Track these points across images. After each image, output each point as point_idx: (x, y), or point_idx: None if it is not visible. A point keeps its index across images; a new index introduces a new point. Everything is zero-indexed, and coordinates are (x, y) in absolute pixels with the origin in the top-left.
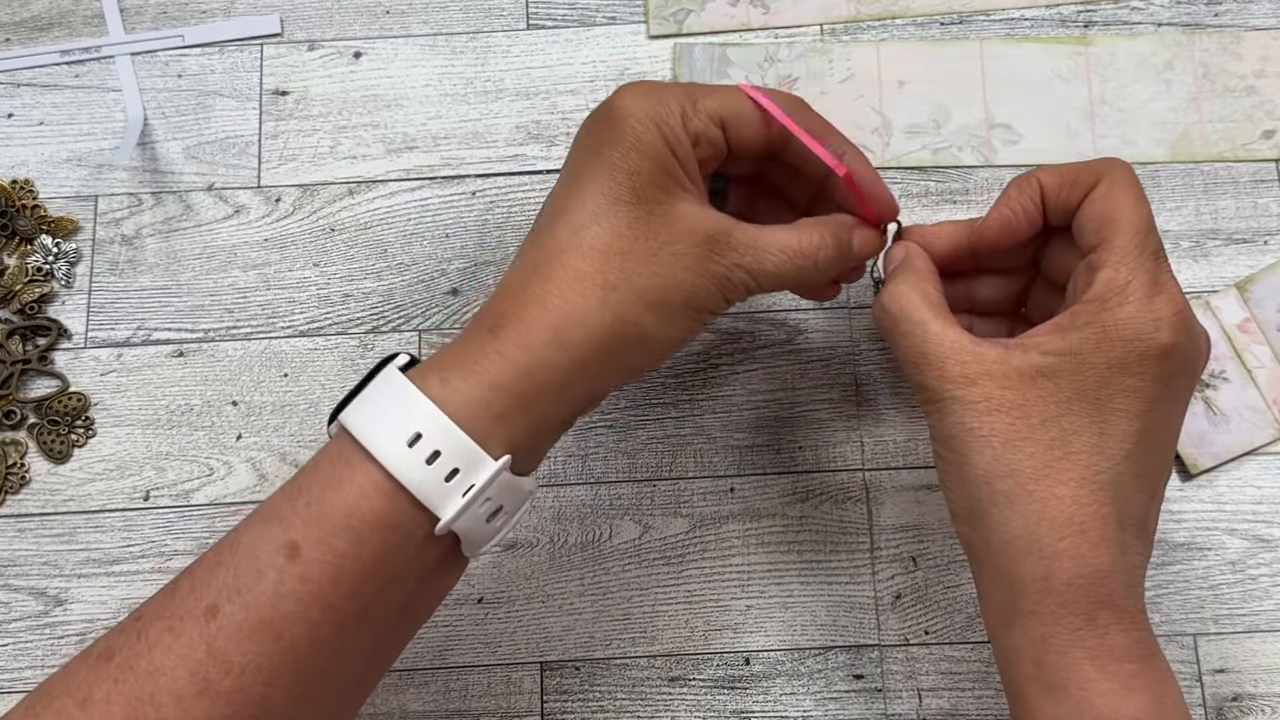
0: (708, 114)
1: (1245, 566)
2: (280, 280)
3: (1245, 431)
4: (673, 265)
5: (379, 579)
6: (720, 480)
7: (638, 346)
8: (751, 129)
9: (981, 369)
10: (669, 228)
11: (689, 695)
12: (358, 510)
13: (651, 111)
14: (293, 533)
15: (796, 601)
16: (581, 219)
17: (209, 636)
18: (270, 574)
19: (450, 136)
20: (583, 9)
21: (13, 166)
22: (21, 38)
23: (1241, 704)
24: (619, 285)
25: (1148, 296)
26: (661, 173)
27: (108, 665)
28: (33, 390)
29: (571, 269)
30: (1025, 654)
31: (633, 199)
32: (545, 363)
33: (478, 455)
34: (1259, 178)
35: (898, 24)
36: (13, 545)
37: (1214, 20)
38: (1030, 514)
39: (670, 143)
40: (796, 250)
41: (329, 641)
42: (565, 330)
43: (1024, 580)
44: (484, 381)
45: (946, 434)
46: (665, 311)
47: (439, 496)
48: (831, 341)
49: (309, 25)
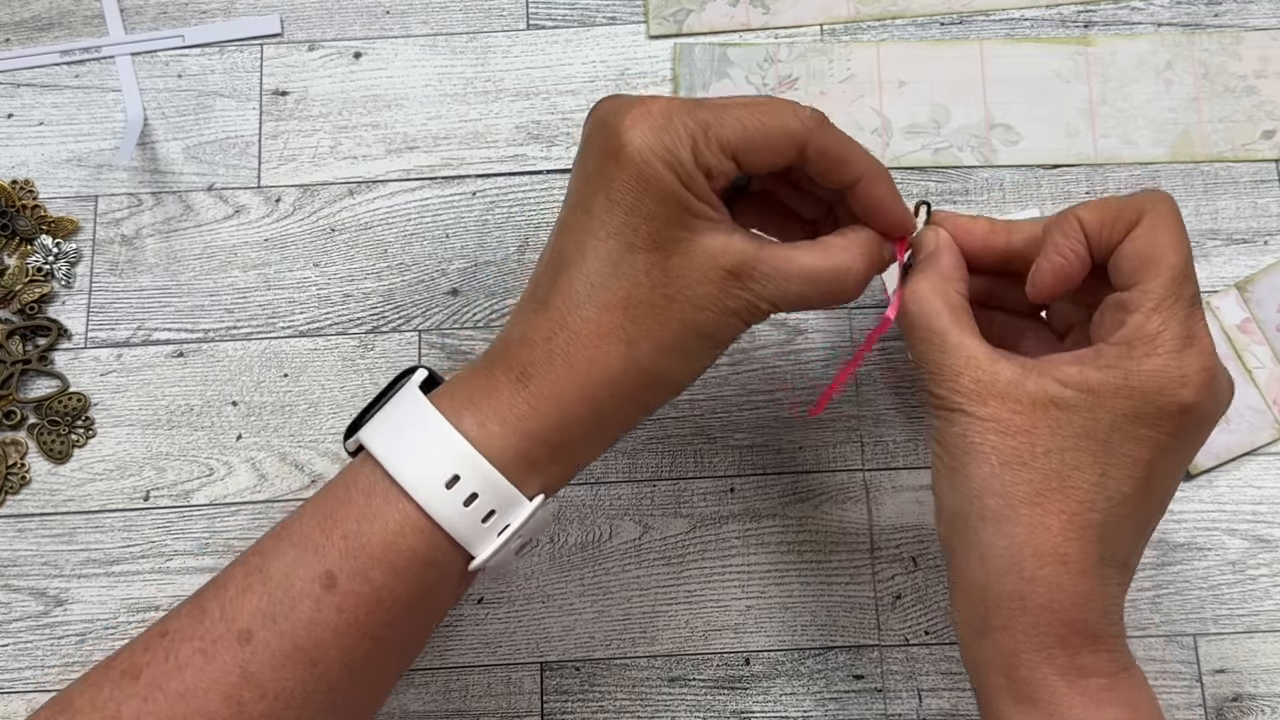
0: (720, 145)
1: (1245, 566)
2: (280, 280)
3: (1245, 431)
4: (693, 311)
5: (413, 611)
6: (720, 480)
7: (661, 389)
8: (766, 156)
9: (995, 389)
10: (688, 269)
11: (689, 695)
12: (395, 546)
13: (661, 150)
14: (329, 563)
15: (796, 601)
16: (598, 269)
17: (243, 661)
18: (306, 603)
19: (450, 136)
20: (583, 9)
21: (13, 166)
22: (21, 38)
23: (1241, 704)
24: (640, 339)
25: (1178, 350)
26: (678, 211)
27: (135, 683)
28: (33, 390)
29: (593, 325)
30: (995, 665)
31: (650, 245)
32: (576, 419)
33: (515, 499)
34: (1259, 178)
35: (898, 24)
36: (13, 545)
37: (1214, 20)
38: (1015, 536)
39: (684, 179)
40: (824, 277)
41: (362, 669)
42: (593, 389)
43: (998, 597)
44: (520, 431)
45: (948, 440)
46: (686, 352)
47: (476, 537)
48: (831, 341)
49: (309, 25)
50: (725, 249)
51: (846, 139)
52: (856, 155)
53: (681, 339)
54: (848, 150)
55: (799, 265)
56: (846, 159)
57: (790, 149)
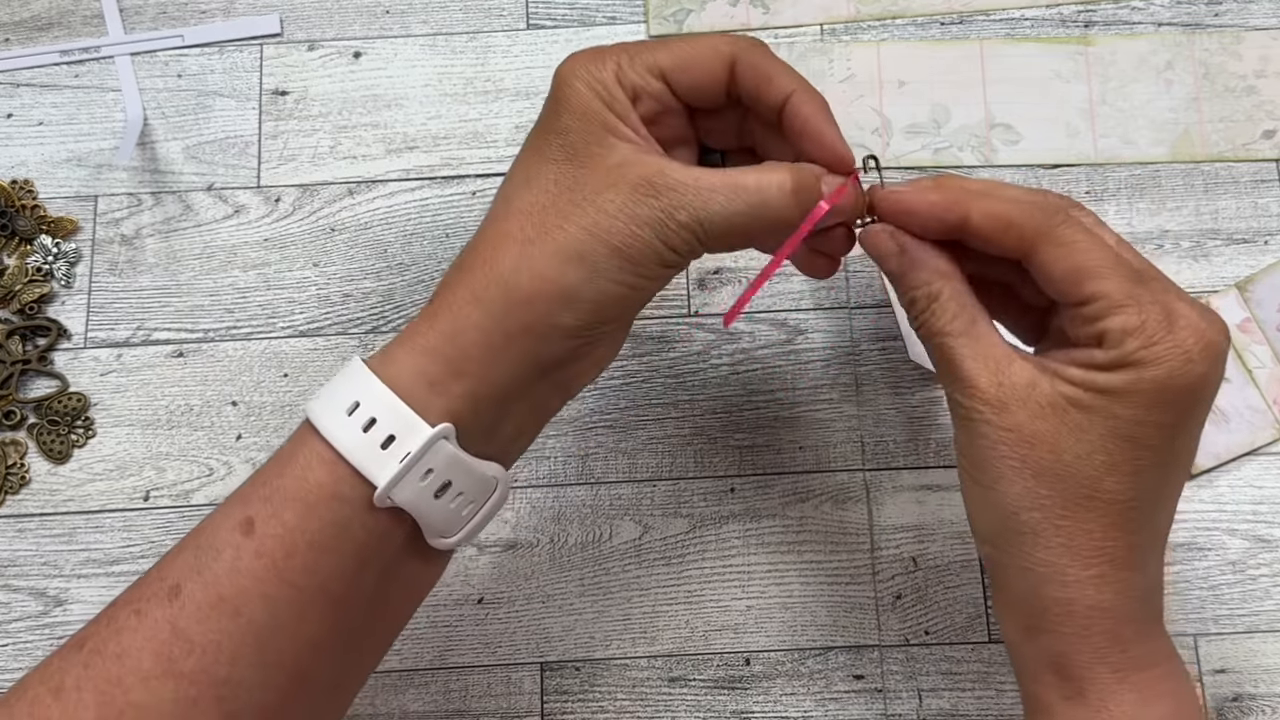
0: (645, 66)
1: (1245, 566)
2: (280, 280)
3: (1245, 431)
4: (598, 215)
5: (333, 554)
6: (720, 480)
7: (563, 303)
8: (694, 75)
9: (1014, 394)
10: (598, 177)
11: (689, 695)
12: (304, 481)
13: (584, 72)
14: (249, 509)
15: (796, 601)
16: (513, 183)
17: (172, 617)
18: (227, 550)
19: (450, 136)
20: (583, 9)
21: (13, 166)
22: (21, 38)
23: (1241, 704)
24: (536, 239)
25: (1168, 330)
26: (595, 127)
27: (79, 653)
28: (33, 390)
29: (496, 231)
30: (1045, 664)
31: (562, 156)
32: (467, 324)
33: (412, 420)
34: (1259, 178)
35: (898, 24)
36: (13, 545)
37: (1214, 20)
38: (1056, 546)
39: (603, 97)
40: (747, 188)
41: (290, 622)
42: (483, 289)
43: (1045, 604)
44: (416, 349)
45: (977, 456)
46: (591, 264)
47: (374, 462)
48: (831, 341)
49: (309, 25)
50: (639, 161)
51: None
52: (785, 73)
53: (585, 246)
54: (775, 67)
55: (721, 178)
56: (773, 75)
57: (718, 66)
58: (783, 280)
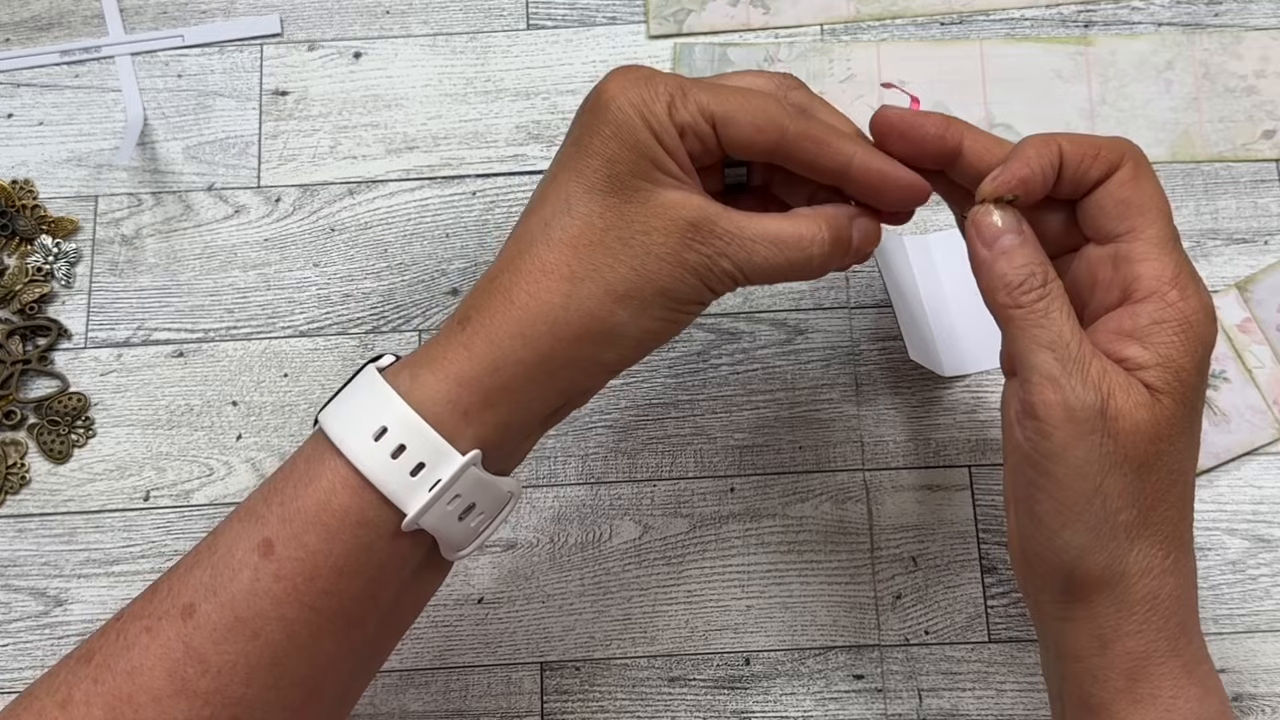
0: (698, 107)
1: (1245, 566)
2: (280, 280)
3: (1245, 431)
4: (646, 256)
5: (354, 578)
6: (720, 480)
7: (609, 341)
8: (746, 131)
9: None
10: (645, 216)
11: (689, 695)
12: (328, 506)
13: (636, 98)
14: (267, 530)
15: (796, 601)
16: (553, 210)
17: (186, 636)
18: (245, 572)
19: (450, 136)
20: (583, 9)
21: (13, 166)
22: (21, 38)
23: (1242, 704)
24: (586, 277)
25: (1197, 288)
26: (643, 160)
27: (87, 666)
28: (33, 390)
29: (538, 261)
30: (1118, 670)
31: (608, 187)
32: (510, 359)
33: (443, 449)
34: (1259, 178)
35: (898, 24)
36: (13, 545)
37: (1214, 20)
38: (1148, 540)
39: (655, 130)
40: (788, 242)
41: (306, 642)
42: (530, 325)
43: (1133, 603)
44: (450, 377)
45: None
46: (638, 304)
47: (404, 491)
48: (831, 341)
49: (309, 25)
50: (686, 203)
51: (828, 116)
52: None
53: (633, 287)
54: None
55: (763, 228)
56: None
57: (771, 133)
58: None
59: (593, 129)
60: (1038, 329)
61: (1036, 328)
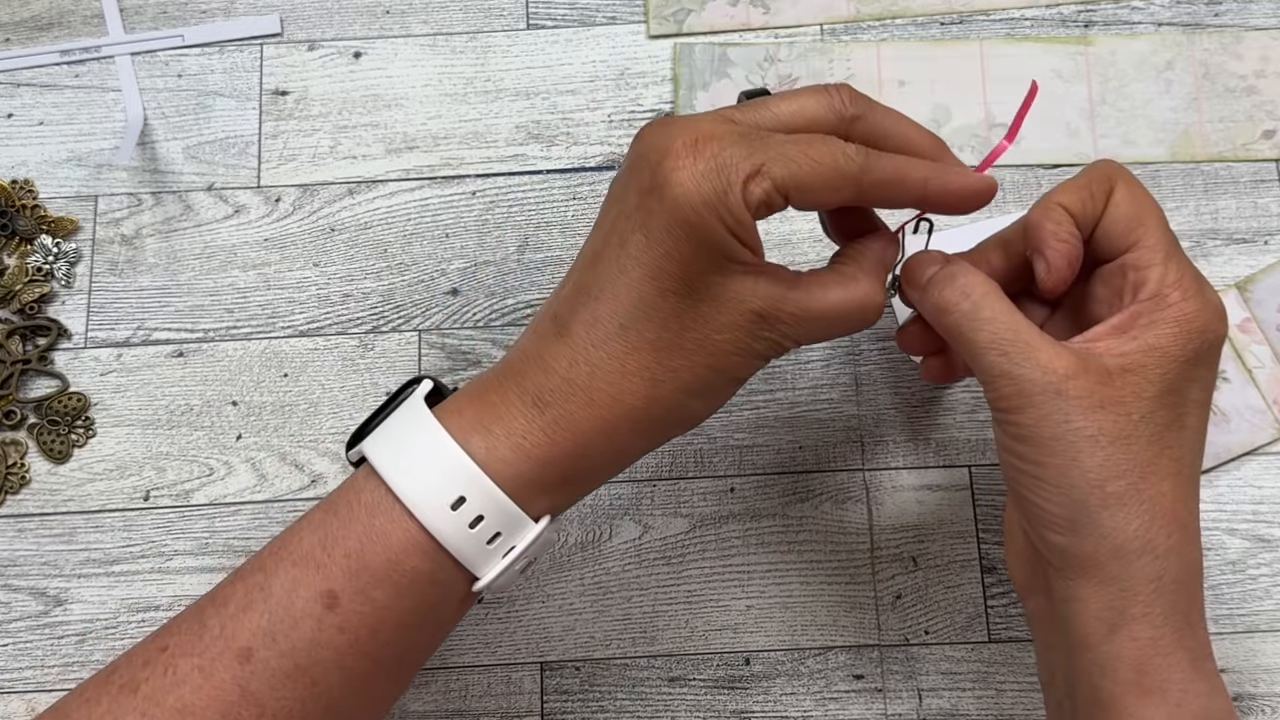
0: (774, 185)
1: (1245, 566)
2: (280, 280)
3: (1245, 431)
4: (719, 353)
5: (417, 632)
6: (720, 480)
7: (681, 425)
8: (821, 195)
9: (1077, 362)
10: (717, 315)
11: (689, 695)
12: (399, 566)
13: (710, 195)
14: (331, 583)
15: (796, 601)
16: (628, 308)
17: (243, 680)
18: (308, 622)
19: (450, 136)
20: (583, 9)
21: (13, 166)
22: (21, 38)
23: (1242, 704)
24: (665, 380)
25: (1199, 289)
26: (717, 257)
27: (133, 697)
28: (33, 390)
29: (619, 363)
30: (1127, 660)
31: (683, 290)
32: (594, 451)
33: (521, 520)
34: (1259, 178)
35: (898, 24)
36: (13, 545)
37: (1214, 20)
38: (1144, 514)
39: (730, 226)
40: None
41: (362, 689)
42: (613, 424)
43: (1137, 584)
44: (532, 458)
45: (1047, 435)
46: (710, 392)
47: (481, 559)
48: (832, 342)
49: (309, 25)
50: (754, 293)
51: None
52: (908, 164)
53: (707, 382)
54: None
55: (824, 305)
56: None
57: (845, 192)
58: None
59: (663, 223)
60: (975, 334)
61: (974, 334)
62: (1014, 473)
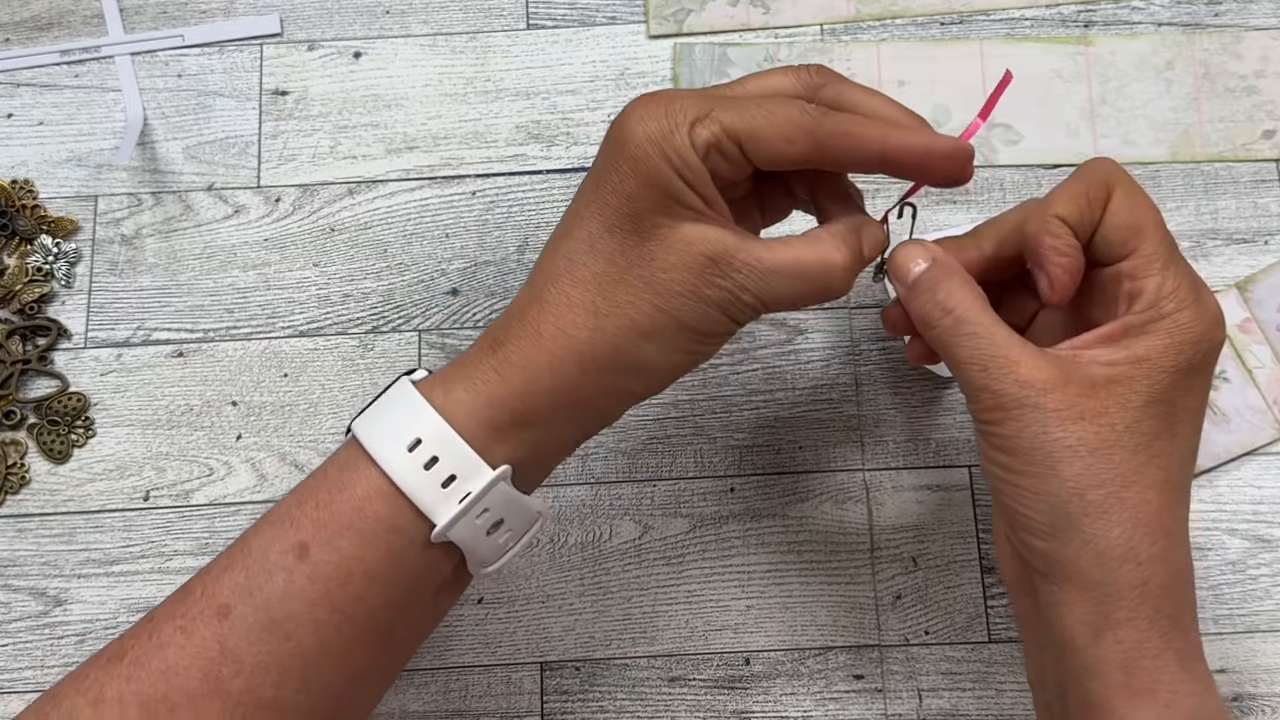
0: (722, 128)
1: (1245, 566)
2: (280, 280)
3: (1245, 432)
4: (668, 293)
5: (385, 586)
6: (720, 480)
7: (636, 373)
8: (775, 145)
9: (1058, 374)
10: (665, 253)
11: (689, 695)
12: (362, 512)
13: (655, 133)
14: (302, 533)
15: (796, 601)
16: (577, 246)
17: (222, 636)
18: (280, 574)
19: (450, 136)
20: (583, 9)
21: (13, 166)
22: (21, 38)
23: (1241, 704)
24: (610, 314)
25: (1196, 297)
26: (662, 196)
27: (119, 664)
28: (33, 390)
29: (564, 296)
30: (1114, 663)
31: (628, 226)
32: (540, 387)
33: (475, 463)
34: (1259, 178)
35: (898, 24)
36: (13, 545)
37: (1214, 20)
38: (1126, 521)
39: (674, 164)
40: (808, 272)
41: (338, 650)
42: (558, 357)
43: (1120, 590)
44: (482, 395)
45: (1027, 445)
46: (663, 339)
47: (435, 501)
48: (831, 341)
49: (309, 25)
50: (703, 238)
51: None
52: (867, 125)
53: (657, 324)
54: (855, 125)
55: (781, 259)
56: (857, 133)
57: (800, 144)
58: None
59: (612, 164)
60: (956, 350)
61: (955, 349)
62: (997, 480)
